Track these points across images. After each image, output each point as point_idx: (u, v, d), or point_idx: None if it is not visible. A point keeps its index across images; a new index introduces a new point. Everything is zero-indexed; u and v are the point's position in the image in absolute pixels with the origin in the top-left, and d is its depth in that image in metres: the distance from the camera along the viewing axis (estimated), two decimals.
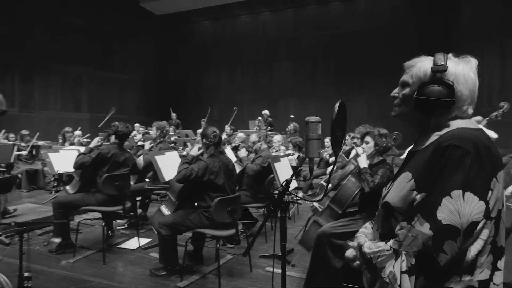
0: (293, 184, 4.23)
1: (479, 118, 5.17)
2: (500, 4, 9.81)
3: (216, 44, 15.71)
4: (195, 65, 15.75)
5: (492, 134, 4.69)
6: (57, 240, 3.85)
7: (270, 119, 10.39)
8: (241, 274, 3.38)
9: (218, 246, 3.18)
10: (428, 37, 12.56)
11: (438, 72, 1.07)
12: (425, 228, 0.98)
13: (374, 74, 13.30)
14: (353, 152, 4.07)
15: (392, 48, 13.00)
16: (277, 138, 6.51)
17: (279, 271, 1.65)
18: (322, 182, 3.74)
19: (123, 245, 4.09)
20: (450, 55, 1.12)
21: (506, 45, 9.45)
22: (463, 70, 1.09)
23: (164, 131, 4.95)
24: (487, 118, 4.62)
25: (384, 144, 2.83)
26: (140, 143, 7.50)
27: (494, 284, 1.02)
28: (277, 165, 3.65)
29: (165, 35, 16.26)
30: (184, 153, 4.52)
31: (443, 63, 1.08)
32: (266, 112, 10.39)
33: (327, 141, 6.93)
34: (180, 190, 3.43)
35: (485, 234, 0.99)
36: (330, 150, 6.69)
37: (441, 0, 12.38)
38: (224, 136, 7.35)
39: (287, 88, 14.53)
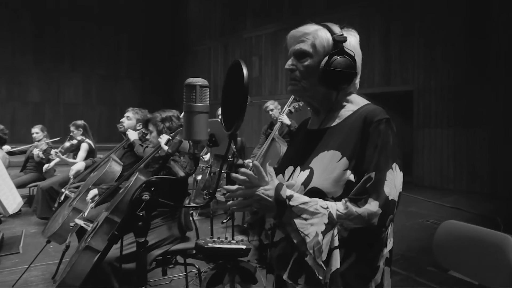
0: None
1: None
2: (220, 9, 10.45)
3: None
4: None
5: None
6: None
7: None
8: None
9: None
10: (152, 24, 11.88)
11: (340, 42, 0.99)
12: (373, 206, 0.91)
13: (90, 51, 11.17)
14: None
15: (100, 23, 11.37)
16: None
17: None
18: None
19: None
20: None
21: (228, 46, 10.14)
22: (355, 43, 1.04)
23: None
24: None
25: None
26: None
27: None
28: None
29: None
30: None
31: (341, 33, 1.01)
32: None
33: (37, 131, 4.47)
34: None
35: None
36: (44, 145, 4.27)
37: None
38: None
39: None
